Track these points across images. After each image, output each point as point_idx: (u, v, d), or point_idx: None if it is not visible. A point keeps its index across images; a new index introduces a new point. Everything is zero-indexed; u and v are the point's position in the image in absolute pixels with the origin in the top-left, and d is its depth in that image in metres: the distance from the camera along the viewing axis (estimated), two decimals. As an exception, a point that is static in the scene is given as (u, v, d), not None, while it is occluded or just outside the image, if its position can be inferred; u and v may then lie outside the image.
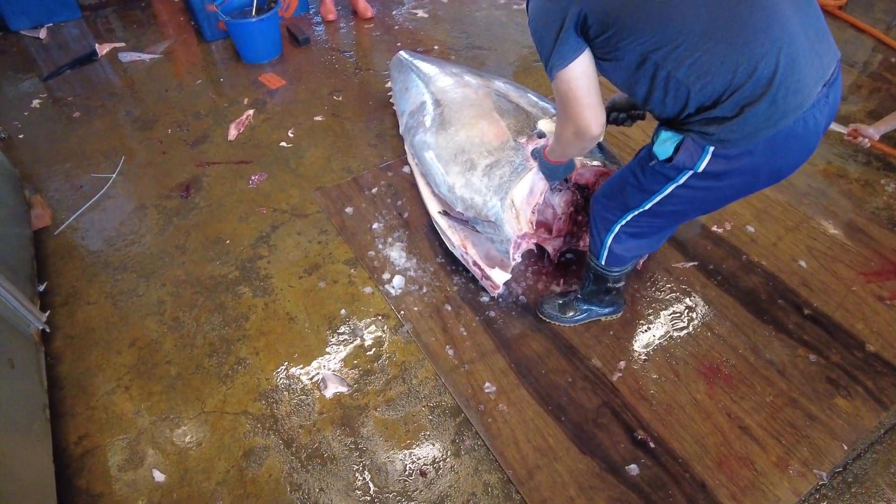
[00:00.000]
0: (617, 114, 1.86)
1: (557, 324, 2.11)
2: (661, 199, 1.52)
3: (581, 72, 1.33)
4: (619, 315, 2.14)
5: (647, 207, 1.57)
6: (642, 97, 1.38)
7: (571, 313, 2.09)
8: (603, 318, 2.13)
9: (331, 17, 3.97)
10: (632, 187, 1.57)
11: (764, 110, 1.25)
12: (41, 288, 2.24)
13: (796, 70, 1.24)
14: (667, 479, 1.74)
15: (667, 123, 1.42)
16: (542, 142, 2.02)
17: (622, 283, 1.99)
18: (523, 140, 2.06)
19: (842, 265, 2.33)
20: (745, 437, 1.83)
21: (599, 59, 1.36)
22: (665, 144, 1.40)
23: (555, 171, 1.89)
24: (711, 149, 1.33)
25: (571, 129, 1.43)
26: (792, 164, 1.41)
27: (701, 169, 1.37)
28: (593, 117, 1.38)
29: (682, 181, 1.43)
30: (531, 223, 2.00)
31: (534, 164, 1.96)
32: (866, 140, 2.25)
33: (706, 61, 1.23)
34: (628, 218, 1.65)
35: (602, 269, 1.89)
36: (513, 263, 2.04)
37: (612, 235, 1.73)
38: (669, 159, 1.41)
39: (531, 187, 1.98)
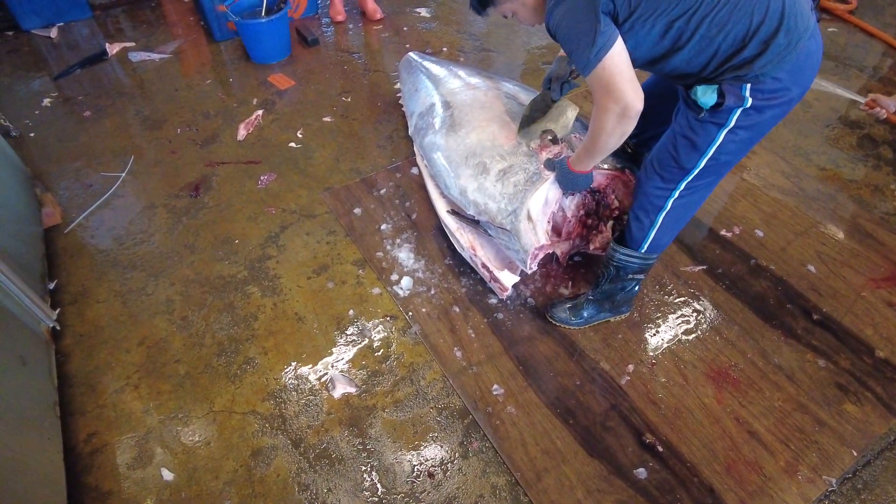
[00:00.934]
0: (558, 83, 1.96)
1: (566, 327, 2.11)
2: (714, 151, 1.58)
3: (619, 52, 1.41)
4: (627, 316, 2.14)
5: (702, 164, 1.62)
6: (665, 62, 1.48)
7: (580, 316, 2.09)
8: (612, 320, 2.13)
9: (339, 18, 3.98)
10: (684, 148, 1.61)
11: (782, 39, 1.37)
12: (51, 286, 2.25)
13: (800, 2, 1.41)
14: (675, 483, 1.74)
15: (693, 80, 1.51)
16: (555, 149, 2.02)
17: (641, 278, 2.01)
18: (535, 145, 2.06)
19: (851, 270, 2.32)
20: (754, 442, 1.83)
21: (623, 34, 1.44)
22: (707, 95, 1.48)
23: (576, 183, 1.88)
24: (749, 86, 1.44)
25: (616, 112, 1.48)
26: (810, 79, 1.50)
27: (749, 105, 1.46)
28: (636, 91, 1.45)
29: (731, 124, 1.51)
30: (547, 233, 2.00)
31: (549, 175, 1.96)
32: (883, 111, 2.26)
33: (725, 13, 1.36)
34: (682, 186, 1.69)
35: (631, 259, 1.90)
36: (529, 272, 2.05)
37: (665, 211, 1.76)
38: (719, 104, 1.47)
39: (546, 197, 1.98)
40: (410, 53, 3.06)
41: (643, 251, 1.87)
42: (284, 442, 1.85)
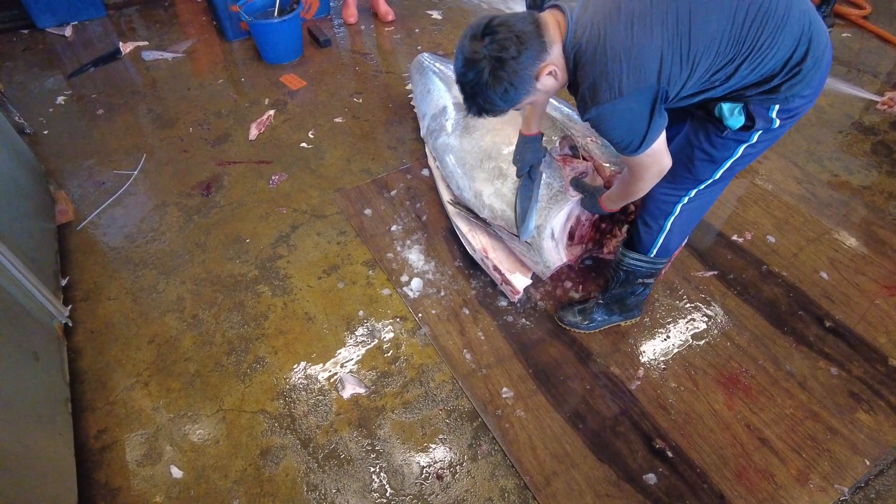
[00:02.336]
0: (537, 169, 1.94)
1: (576, 331, 2.11)
2: (731, 164, 1.56)
3: (663, 133, 1.41)
4: (637, 320, 2.13)
5: (717, 176, 1.60)
6: (692, 99, 1.45)
7: (590, 320, 2.09)
8: (623, 324, 2.12)
9: (352, 19, 3.99)
10: (701, 161, 1.58)
11: (810, 62, 1.36)
12: (64, 282, 2.26)
13: (814, 14, 1.37)
14: (684, 489, 1.73)
15: (716, 100, 1.47)
16: (581, 166, 2.01)
17: (651, 282, 1.99)
18: (557, 156, 2.04)
19: (864, 278, 2.30)
20: (765, 450, 1.82)
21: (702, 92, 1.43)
22: (734, 116, 1.44)
23: (602, 212, 1.89)
24: (777, 106, 1.41)
25: (655, 173, 1.51)
26: (824, 80, 1.48)
27: (776, 126, 1.45)
28: (667, 155, 1.49)
29: (753, 140, 1.49)
30: (567, 247, 2.01)
31: (574, 194, 1.94)
32: None
33: (760, 55, 1.32)
34: (693, 193, 1.67)
35: (640, 263, 1.88)
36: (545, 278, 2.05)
37: (674, 217, 1.74)
38: (747, 126, 1.45)
39: (569, 214, 1.98)
40: (422, 55, 3.06)
41: (652, 255, 1.86)
42: (293, 442, 1.85)
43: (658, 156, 1.45)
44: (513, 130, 2.15)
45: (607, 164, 2.05)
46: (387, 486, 1.75)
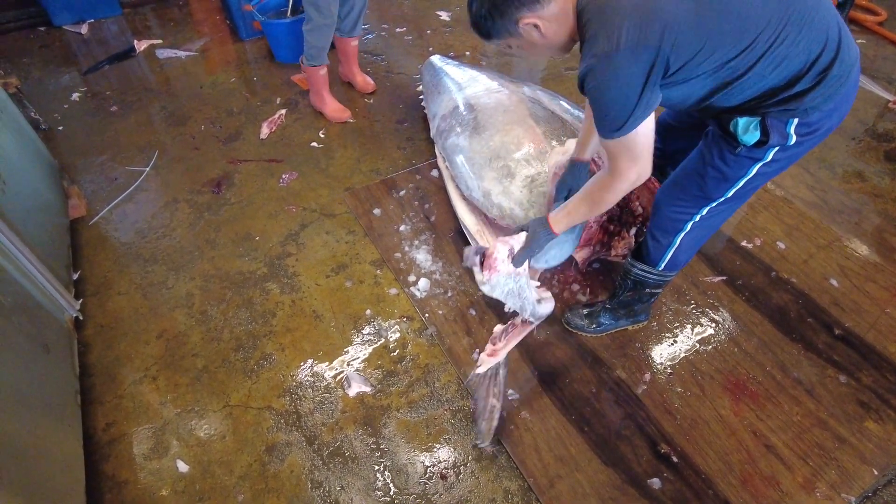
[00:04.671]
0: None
1: (583, 334, 2.10)
2: (745, 182, 1.51)
3: (652, 118, 1.33)
4: (644, 324, 2.13)
5: (730, 194, 1.55)
6: (702, 101, 1.39)
7: (597, 324, 2.08)
8: (630, 328, 2.11)
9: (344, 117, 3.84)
10: (713, 179, 1.53)
11: (836, 70, 1.31)
12: (75, 276, 2.28)
13: (845, 30, 1.34)
14: (689, 494, 1.72)
15: (730, 114, 1.41)
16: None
17: (659, 291, 1.97)
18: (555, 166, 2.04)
19: (875, 286, 2.29)
20: (771, 456, 1.80)
21: (666, 87, 1.34)
22: (749, 130, 1.39)
23: (549, 251, 1.82)
24: (795, 120, 1.36)
25: (632, 179, 1.42)
26: (849, 108, 1.45)
27: (792, 142, 1.39)
28: (650, 163, 1.41)
29: (768, 158, 1.44)
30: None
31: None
32: None
33: (782, 50, 1.26)
34: (704, 211, 1.63)
35: (649, 275, 1.86)
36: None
37: (684, 233, 1.70)
38: (762, 142, 1.40)
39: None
40: (433, 57, 3.08)
41: (660, 269, 1.83)
42: (299, 438, 1.86)
43: (639, 150, 1.36)
44: (522, 131, 2.16)
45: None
46: (391, 484, 1.75)
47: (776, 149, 1.42)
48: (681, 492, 1.73)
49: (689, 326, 2.16)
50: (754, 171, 1.48)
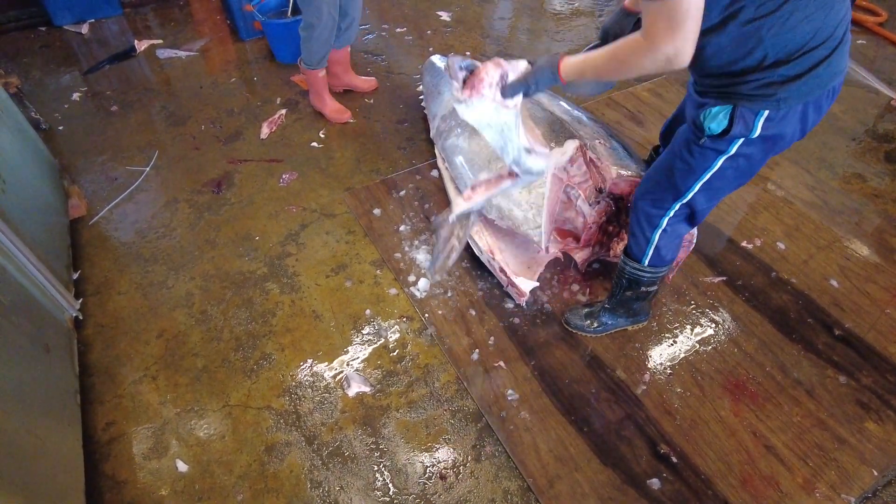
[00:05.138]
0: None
1: (583, 334, 2.10)
2: (710, 177, 1.53)
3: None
4: (644, 324, 2.13)
5: (696, 188, 1.57)
6: (718, 54, 1.34)
7: (597, 324, 2.08)
8: (630, 328, 2.11)
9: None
10: (680, 172, 1.57)
11: (823, 71, 1.31)
12: (75, 276, 2.28)
13: (848, 37, 1.34)
14: (689, 494, 1.72)
15: (718, 89, 1.40)
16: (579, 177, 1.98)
17: (655, 289, 1.97)
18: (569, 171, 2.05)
19: (875, 286, 2.29)
20: (771, 457, 1.80)
21: (709, 32, 1.29)
22: (718, 118, 1.40)
23: (537, 79, 1.47)
24: (766, 113, 1.35)
25: (667, 56, 1.21)
26: (817, 121, 1.44)
27: (756, 135, 1.39)
28: (692, 46, 1.20)
29: (732, 151, 1.45)
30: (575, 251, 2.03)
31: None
32: None
33: (795, 18, 1.24)
34: (676, 207, 1.65)
35: (640, 272, 1.87)
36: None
37: (660, 230, 1.73)
38: (725, 131, 1.41)
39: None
40: (433, 57, 3.07)
41: (645, 265, 1.84)
42: (298, 438, 1.86)
43: (681, 18, 1.15)
44: (522, 132, 2.15)
45: (614, 167, 2.04)
46: (390, 484, 1.75)
47: (739, 142, 1.42)
48: (680, 492, 1.73)
49: (688, 327, 2.16)
50: (718, 164, 1.49)
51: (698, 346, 2.10)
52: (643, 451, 1.82)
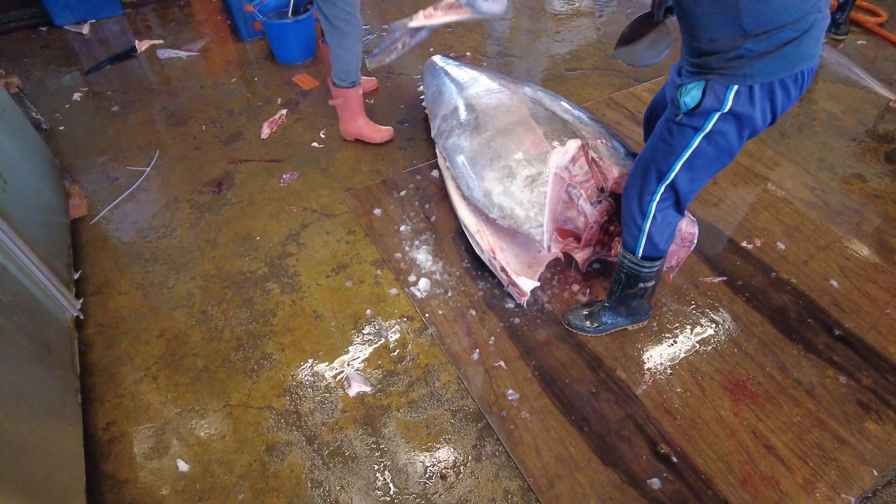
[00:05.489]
0: (662, 5, 1.83)
1: (583, 334, 2.11)
2: (690, 155, 1.59)
3: None
4: (645, 324, 2.13)
5: (678, 167, 1.63)
6: (705, 28, 1.42)
7: (597, 324, 2.09)
8: (630, 328, 2.12)
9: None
10: (662, 152, 1.64)
11: (790, 52, 1.37)
12: (76, 276, 2.29)
13: (821, 25, 1.38)
14: (689, 494, 1.72)
15: (695, 67, 1.49)
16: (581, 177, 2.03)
17: (653, 283, 1.98)
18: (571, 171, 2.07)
19: (875, 286, 2.29)
20: (771, 457, 1.81)
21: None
22: (692, 93, 1.49)
23: None
24: (735, 87, 1.42)
25: None
26: (786, 107, 1.51)
27: (727, 109, 1.46)
28: None
29: (707, 128, 1.52)
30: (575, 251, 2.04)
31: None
32: None
33: None
34: (661, 189, 1.70)
35: (636, 266, 1.88)
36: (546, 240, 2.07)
37: (650, 218, 1.76)
38: (697, 105, 1.48)
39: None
40: (434, 57, 3.08)
41: (639, 257, 1.86)
42: (299, 438, 1.86)
43: None
44: (523, 132, 2.16)
45: (616, 167, 2.05)
46: (390, 484, 1.76)
47: (714, 118, 1.49)
48: (680, 492, 1.73)
49: (688, 327, 2.16)
50: (696, 141, 1.55)
51: (698, 346, 2.10)
52: (643, 451, 1.82)
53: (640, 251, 1.84)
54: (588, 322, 2.09)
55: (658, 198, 1.72)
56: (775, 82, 1.42)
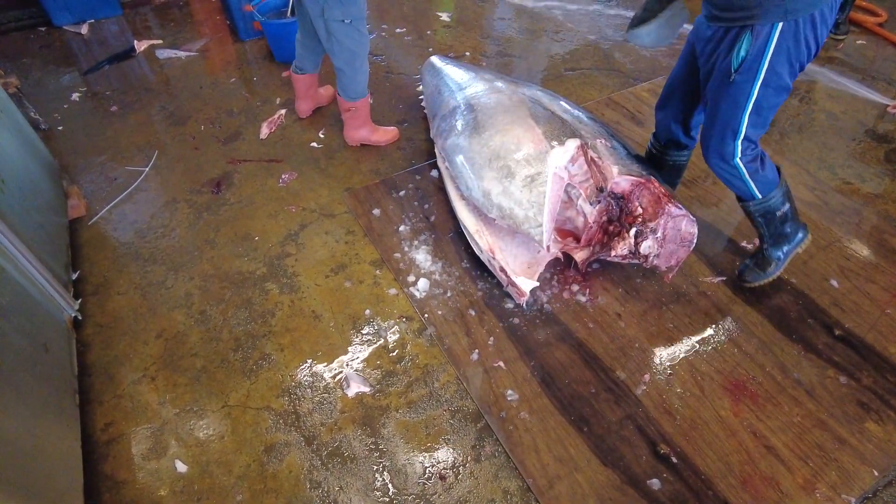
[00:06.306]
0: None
1: (768, 281, 2.20)
2: (753, 105, 1.73)
3: None
4: (810, 237, 2.20)
5: (746, 121, 1.77)
6: None
7: (773, 264, 2.18)
8: (800, 249, 2.20)
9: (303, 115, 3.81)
10: (728, 113, 1.78)
11: None
12: (74, 276, 2.28)
13: None
14: (689, 495, 1.72)
15: (735, 21, 1.61)
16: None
17: (788, 205, 2.06)
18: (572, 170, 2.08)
19: (875, 287, 2.28)
20: (771, 457, 1.80)
21: None
22: (739, 51, 1.62)
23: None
24: (780, 25, 1.53)
25: None
26: (824, 35, 1.63)
27: (772, 49, 1.58)
28: None
29: (762, 75, 1.65)
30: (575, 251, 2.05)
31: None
32: None
33: None
34: (739, 145, 1.84)
35: (764, 204, 2.01)
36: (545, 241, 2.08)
37: (744, 170, 1.91)
38: (745, 57, 1.61)
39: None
40: (433, 57, 3.08)
41: (760, 197, 1.98)
42: (297, 439, 1.85)
43: None
44: (522, 131, 2.16)
45: (615, 167, 2.04)
46: (389, 485, 1.75)
47: (766, 63, 1.61)
48: (680, 493, 1.72)
49: (688, 327, 2.15)
50: (756, 91, 1.69)
51: (698, 346, 2.09)
52: (643, 452, 1.81)
53: (758, 193, 1.97)
54: (763, 269, 2.19)
55: (740, 153, 1.86)
56: (816, 13, 1.51)
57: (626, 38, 2.04)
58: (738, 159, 1.88)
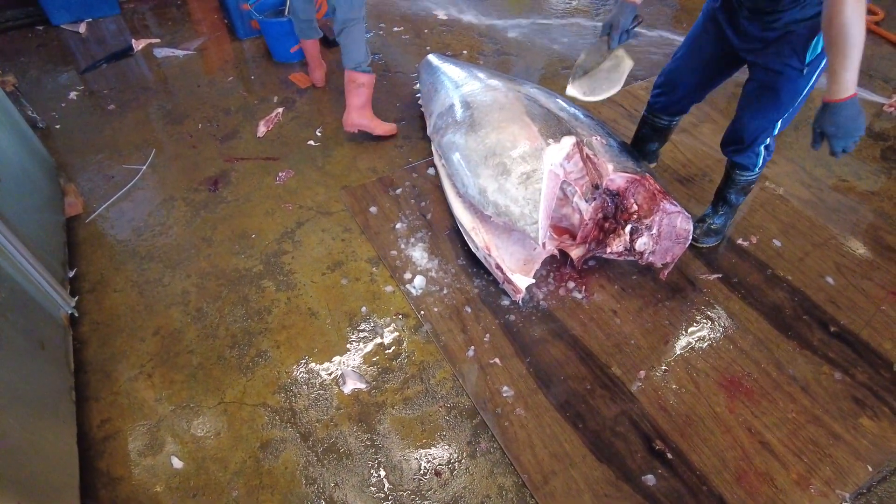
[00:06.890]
0: (617, 32, 1.99)
1: (714, 243, 2.41)
2: (809, 90, 1.90)
3: None
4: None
5: (797, 105, 1.95)
6: None
7: (722, 234, 2.43)
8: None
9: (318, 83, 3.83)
10: (786, 105, 1.94)
11: None
12: (71, 273, 2.28)
13: None
14: (684, 491, 1.72)
15: (803, 21, 1.75)
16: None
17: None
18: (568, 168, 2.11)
19: (871, 283, 2.29)
20: (766, 453, 1.81)
21: None
22: (816, 46, 1.76)
23: (856, 120, 1.62)
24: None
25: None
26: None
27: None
28: None
29: (823, 62, 1.80)
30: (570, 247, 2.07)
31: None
32: None
33: None
34: (778, 124, 2.01)
35: (755, 176, 2.24)
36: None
37: (765, 146, 2.12)
38: (820, 52, 1.78)
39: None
40: (430, 55, 3.08)
41: (757, 171, 2.23)
42: (293, 435, 1.86)
43: None
44: (518, 129, 2.16)
45: (611, 164, 2.05)
46: (385, 481, 1.75)
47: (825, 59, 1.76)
48: (675, 488, 1.73)
49: (684, 324, 2.16)
50: (815, 77, 1.87)
51: (694, 342, 2.10)
52: (638, 448, 1.82)
53: (759, 168, 2.19)
54: (710, 226, 2.39)
55: (775, 132, 2.04)
56: None
57: (567, 92, 2.10)
58: (770, 137, 2.07)
